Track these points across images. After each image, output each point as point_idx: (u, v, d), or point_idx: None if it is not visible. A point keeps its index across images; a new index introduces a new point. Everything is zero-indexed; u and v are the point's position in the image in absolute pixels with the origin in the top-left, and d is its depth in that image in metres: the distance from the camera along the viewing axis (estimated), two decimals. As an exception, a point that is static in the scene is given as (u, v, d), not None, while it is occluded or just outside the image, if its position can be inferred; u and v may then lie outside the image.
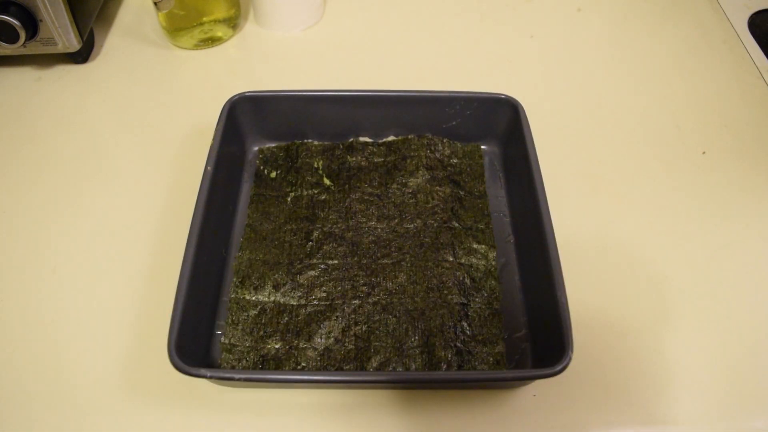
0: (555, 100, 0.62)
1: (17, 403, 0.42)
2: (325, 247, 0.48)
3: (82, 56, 0.64)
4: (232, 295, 0.46)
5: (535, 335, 0.44)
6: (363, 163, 0.53)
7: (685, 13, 0.72)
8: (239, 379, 0.37)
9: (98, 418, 0.41)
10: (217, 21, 0.65)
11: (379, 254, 0.48)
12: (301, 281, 0.46)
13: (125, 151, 0.57)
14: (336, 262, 0.47)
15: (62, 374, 0.43)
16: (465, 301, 0.45)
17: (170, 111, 0.60)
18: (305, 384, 0.42)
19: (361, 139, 0.55)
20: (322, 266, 0.47)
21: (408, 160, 0.53)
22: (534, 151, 0.48)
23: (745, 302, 0.47)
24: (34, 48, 0.58)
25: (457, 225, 0.50)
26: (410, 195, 0.51)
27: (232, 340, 0.43)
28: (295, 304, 0.45)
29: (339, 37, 0.69)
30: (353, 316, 0.44)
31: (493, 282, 0.47)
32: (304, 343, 0.43)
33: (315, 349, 0.43)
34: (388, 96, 0.52)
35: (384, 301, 0.45)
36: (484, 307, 0.45)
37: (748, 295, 0.48)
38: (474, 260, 0.48)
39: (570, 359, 0.37)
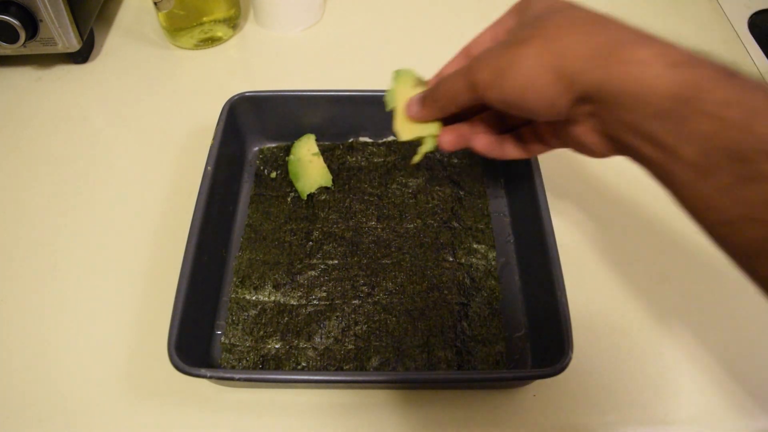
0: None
1: (17, 402, 0.42)
2: (325, 247, 0.48)
3: (82, 56, 0.64)
4: (232, 295, 0.46)
5: (535, 335, 0.44)
6: (363, 163, 0.53)
7: (685, 13, 0.72)
8: (239, 379, 0.37)
9: (98, 418, 0.41)
10: (217, 21, 0.65)
11: (379, 254, 0.48)
12: (301, 281, 0.46)
13: (125, 151, 0.57)
14: (336, 262, 0.47)
15: (62, 374, 0.43)
16: (465, 301, 0.45)
17: (170, 111, 0.60)
18: (305, 384, 0.42)
19: (361, 139, 0.55)
20: (322, 266, 0.47)
21: (408, 160, 0.53)
22: (534, 151, 0.47)
23: (746, 302, 0.47)
24: (34, 48, 0.58)
25: (457, 225, 0.50)
26: (410, 195, 0.51)
27: (232, 340, 0.43)
28: (295, 304, 0.45)
29: (339, 37, 0.69)
30: (353, 316, 0.44)
31: (493, 282, 0.47)
32: (304, 343, 0.43)
33: (315, 348, 0.43)
34: (388, 96, 0.52)
35: (384, 301, 0.45)
36: (484, 307, 0.45)
37: (748, 295, 0.48)
38: (474, 260, 0.48)
39: (570, 359, 0.37)
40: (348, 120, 0.54)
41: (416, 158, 0.41)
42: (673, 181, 0.26)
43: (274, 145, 0.55)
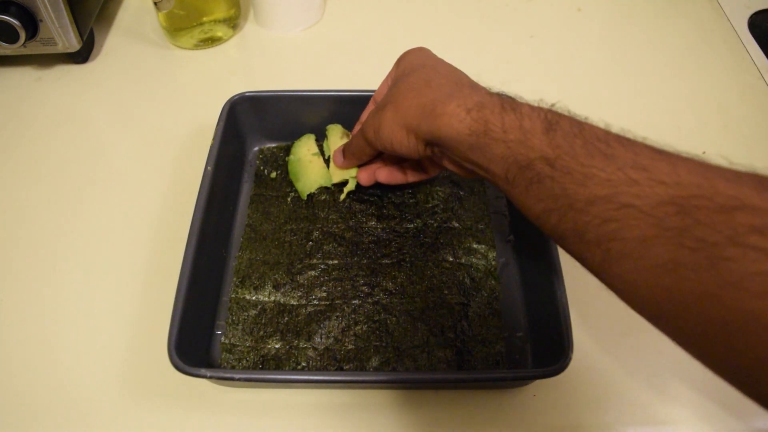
0: (554, 100, 0.62)
1: (17, 402, 0.42)
2: (325, 247, 0.48)
3: (82, 56, 0.64)
4: (232, 295, 0.46)
5: (535, 335, 0.44)
6: (363, 163, 0.53)
7: (685, 13, 0.72)
8: (239, 379, 0.37)
9: (98, 418, 0.41)
10: (217, 21, 0.65)
11: (379, 254, 0.48)
12: (301, 281, 0.46)
13: (125, 151, 0.57)
14: (336, 262, 0.47)
15: (62, 374, 0.43)
16: (465, 301, 0.45)
17: (170, 111, 0.60)
18: (305, 384, 0.42)
19: (361, 139, 0.55)
20: (322, 266, 0.47)
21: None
22: (534, 151, 0.47)
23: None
24: (34, 48, 0.58)
25: (457, 225, 0.50)
26: (410, 195, 0.51)
27: (232, 340, 0.43)
28: (295, 303, 0.45)
29: (339, 37, 0.69)
30: (353, 315, 0.44)
31: (493, 282, 0.47)
32: (304, 343, 0.43)
33: (315, 348, 0.43)
34: (388, 96, 0.52)
35: (384, 301, 0.45)
36: (484, 307, 0.45)
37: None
38: (474, 260, 0.48)
39: (570, 359, 0.37)
40: (348, 120, 0.53)
41: (342, 196, 0.50)
42: (502, 191, 0.33)
43: (274, 145, 0.55)
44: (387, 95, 0.39)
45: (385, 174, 0.46)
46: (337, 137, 0.51)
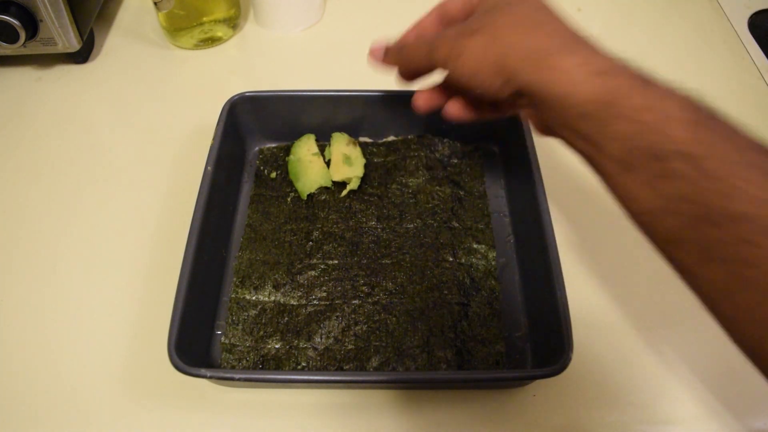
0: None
1: (18, 402, 0.42)
2: (325, 247, 0.48)
3: (82, 56, 0.64)
4: (232, 295, 0.46)
5: (535, 335, 0.44)
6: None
7: (685, 13, 0.72)
8: (239, 379, 0.37)
9: (98, 418, 0.41)
10: (217, 21, 0.65)
11: (379, 254, 0.48)
12: (301, 281, 0.46)
13: (125, 151, 0.57)
14: (336, 262, 0.47)
15: (62, 374, 0.43)
16: (465, 301, 0.45)
17: (170, 111, 0.60)
18: (305, 384, 0.42)
19: (361, 139, 0.55)
20: (322, 266, 0.47)
21: (408, 160, 0.53)
22: (534, 151, 0.48)
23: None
24: (34, 48, 0.58)
25: (457, 225, 0.50)
26: (410, 195, 0.51)
27: (232, 340, 0.43)
28: (295, 303, 0.45)
29: (339, 37, 0.69)
30: (353, 315, 0.44)
31: (493, 282, 0.47)
32: (304, 343, 0.43)
33: (315, 348, 0.43)
34: (387, 96, 0.52)
35: (384, 301, 0.45)
36: (484, 307, 0.45)
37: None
38: (474, 260, 0.48)
39: (570, 359, 0.37)
40: (348, 120, 0.54)
41: (343, 193, 0.50)
42: (602, 171, 0.29)
43: (274, 145, 0.55)
44: (480, 20, 0.33)
45: (456, 109, 0.39)
46: (342, 144, 0.51)
